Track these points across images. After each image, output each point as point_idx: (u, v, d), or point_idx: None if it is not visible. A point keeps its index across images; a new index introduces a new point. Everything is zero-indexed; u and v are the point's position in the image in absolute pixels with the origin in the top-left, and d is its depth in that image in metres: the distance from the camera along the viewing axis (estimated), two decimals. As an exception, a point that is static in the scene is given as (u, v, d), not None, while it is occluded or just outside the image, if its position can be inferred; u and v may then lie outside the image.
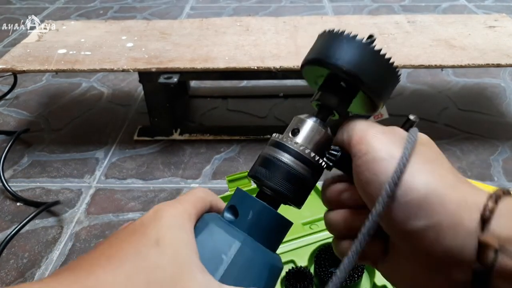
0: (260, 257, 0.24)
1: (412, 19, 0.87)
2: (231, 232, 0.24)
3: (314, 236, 0.55)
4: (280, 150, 0.27)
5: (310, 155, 0.26)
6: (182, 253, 0.21)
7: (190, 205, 0.24)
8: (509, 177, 0.69)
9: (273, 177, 0.26)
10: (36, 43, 0.80)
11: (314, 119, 0.28)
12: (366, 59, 0.26)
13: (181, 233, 0.22)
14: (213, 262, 0.22)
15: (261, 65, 0.70)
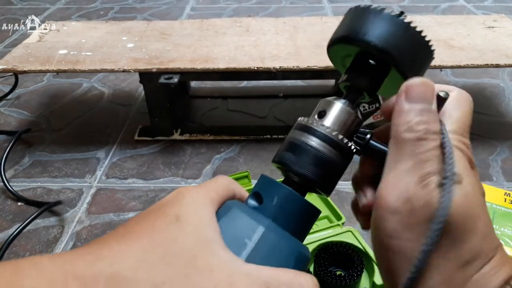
0: (286, 244, 0.23)
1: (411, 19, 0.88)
2: (255, 217, 0.23)
3: (314, 235, 0.55)
4: (307, 133, 0.25)
5: (339, 138, 0.24)
6: (203, 230, 0.20)
7: (213, 190, 0.24)
8: (507, 177, 0.69)
9: (300, 162, 0.24)
10: (37, 44, 0.80)
11: (343, 101, 0.26)
12: (397, 34, 0.24)
13: (203, 212, 0.21)
14: (236, 245, 0.21)
15: (261, 65, 0.70)
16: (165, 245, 0.19)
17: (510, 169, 0.71)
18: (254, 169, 0.72)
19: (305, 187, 0.25)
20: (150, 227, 0.20)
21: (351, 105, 0.26)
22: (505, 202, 0.55)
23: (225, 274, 0.19)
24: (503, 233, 0.50)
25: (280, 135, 0.80)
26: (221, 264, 0.19)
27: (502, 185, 0.68)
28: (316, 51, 0.74)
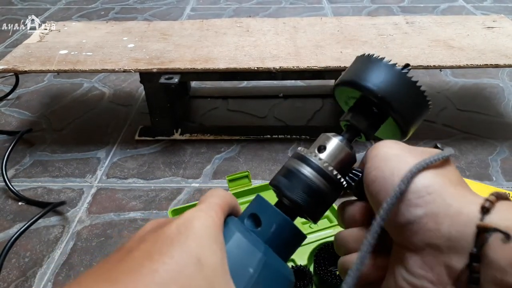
0: (281, 271, 0.24)
1: (410, 20, 0.88)
2: (254, 242, 0.24)
3: (314, 235, 0.55)
4: (304, 163, 0.27)
5: (332, 172, 0.27)
6: (218, 274, 0.21)
7: (220, 211, 0.24)
8: (507, 177, 0.70)
9: (293, 189, 0.26)
10: (37, 44, 0.81)
11: (341, 138, 0.28)
12: (399, 87, 0.26)
13: (218, 252, 0.21)
14: (241, 275, 0.22)
15: (261, 65, 0.70)
16: (186, 285, 0.19)
17: (509, 169, 0.71)
18: (254, 169, 0.73)
19: (295, 212, 0.27)
20: (174, 262, 0.20)
21: (348, 144, 0.28)
22: (504, 202, 0.55)
23: None
24: (502, 233, 0.50)
25: (280, 135, 0.80)
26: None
27: (502, 185, 0.68)
28: (316, 52, 0.74)
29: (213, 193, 0.26)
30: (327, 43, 0.78)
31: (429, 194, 0.22)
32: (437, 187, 0.23)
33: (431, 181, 0.23)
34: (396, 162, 0.24)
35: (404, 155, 0.24)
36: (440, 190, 0.22)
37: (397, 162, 0.24)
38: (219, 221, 0.23)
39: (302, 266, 0.49)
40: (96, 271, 0.20)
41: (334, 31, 0.83)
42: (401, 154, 0.25)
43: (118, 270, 0.19)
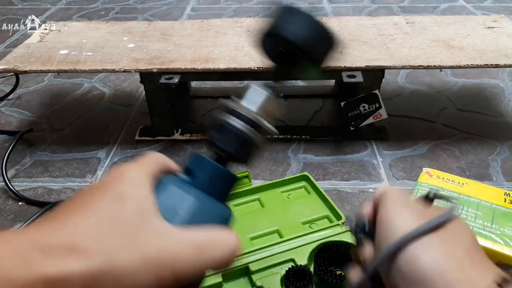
0: (212, 208, 0.27)
1: (411, 20, 0.88)
2: (186, 189, 0.27)
3: (314, 235, 0.55)
4: (234, 116, 0.29)
5: (258, 120, 0.29)
6: (143, 206, 0.23)
7: (148, 167, 0.26)
8: (507, 177, 0.70)
9: (224, 140, 0.29)
10: (38, 44, 0.81)
11: (266, 88, 0.31)
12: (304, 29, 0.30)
13: (142, 190, 0.24)
14: (172, 215, 0.25)
15: (261, 65, 0.70)
16: (112, 220, 0.22)
17: (510, 169, 0.71)
18: (254, 169, 0.73)
19: (227, 159, 0.30)
20: (98, 204, 0.23)
21: (272, 90, 0.31)
22: (505, 202, 0.55)
23: (162, 240, 0.22)
24: (503, 233, 0.50)
25: (280, 135, 0.80)
26: (159, 232, 0.23)
27: (502, 185, 0.68)
28: (316, 52, 0.74)
29: (145, 156, 0.29)
30: (327, 43, 0.78)
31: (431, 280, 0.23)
32: (436, 273, 0.23)
33: (434, 263, 0.23)
34: (397, 221, 0.27)
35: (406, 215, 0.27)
36: (441, 275, 0.23)
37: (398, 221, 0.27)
38: (151, 174, 0.26)
39: (302, 266, 0.49)
40: (40, 222, 0.23)
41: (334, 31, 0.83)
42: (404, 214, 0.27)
43: (56, 218, 0.22)
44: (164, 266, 0.22)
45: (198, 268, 0.23)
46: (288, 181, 0.66)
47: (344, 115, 0.75)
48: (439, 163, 0.73)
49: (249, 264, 0.51)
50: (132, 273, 0.21)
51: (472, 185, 0.59)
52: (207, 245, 0.23)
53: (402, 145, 0.77)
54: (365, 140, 0.79)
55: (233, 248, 0.24)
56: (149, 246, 0.22)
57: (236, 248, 0.25)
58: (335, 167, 0.73)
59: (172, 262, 0.22)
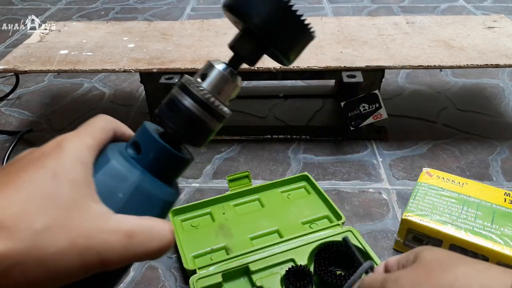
0: (155, 194, 0.25)
1: (411, 20, 0.88)
2: (130, 169, 0.25)
3: (314, 235, 0.55)
4: (185, 93, 0.27)
5: (212, 102, 0.27)
6: (78, 186, 0.22)
7: (91, 137, 0.25)
8: (507, 177, 0.70)
9: (174, 119, 0.27)
10: (38, 44, 0.81)
11: (224, 67, 0.29)
12: (280, 17, 0.27)
13: (79, 168, 0.23)
14: (110, 199, 0.23)
15: (261, 65, 0.70)
16: (44, 199, 0.21)
17: (510, 169, 0.71)
18: (254, 169, 0.73)
19: (178, 140, 0.28)
20: (29, 180, 0.21)
21: (231, 72, 0.29)
22: (505, 202, 0.55)
23: (93, 225, 0.21)
24: (503, 233, 0.51)
25: (280, 135, 0.80)
26: (92, 216, 0.22)
27: (502, 185, 0.68)
28: (316, 51, 0.74)
29: (95, 119, 0.27)
30: (327, 43, 0.78)
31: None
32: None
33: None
34: None
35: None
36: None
37: None
38: (93, 145, 0.24)
39: (302, 266, 0.49)
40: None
41: (334, 31, 0.83)
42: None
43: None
44: (92, 252, 0.21)
45: (127, 257, 0.22)
46: (288, 181, 0.66)
47: (344, 115, 0.75)
48: (439, 163, 0.73)
49: (249, 264, 0.51)
50: (59, 257, 0.20)
51: (472, 185, 0.59)
52: (139, 235, 0.23)
53: (402, 145, 0.77)
54: (365, 140, 0.79)
55: (165, 242, 0.23)
56: (79, 230, 0.21)
57: (168, 242, 0.24)
58: (335, 167, 0.73)
59: (101, 249, 0.21)
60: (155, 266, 0.56)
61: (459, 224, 0.52)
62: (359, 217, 0.62)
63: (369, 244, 0.54)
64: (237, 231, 0.58)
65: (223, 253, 0.55)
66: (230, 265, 0.51)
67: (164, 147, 0.26)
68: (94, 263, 0.21)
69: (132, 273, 0.55)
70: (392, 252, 0.57)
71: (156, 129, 0.28)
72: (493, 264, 0.26)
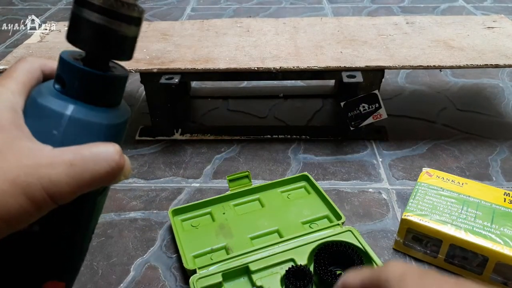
0: (92, 122, 0.24)
1: (410, 20, 0.88)
2: (60, 104, 0.24)
3: (314, 235, 0.55)
4: (82, 7, 0.23)
5: (111, 4, 0.23)
6: (8, 130, 0.22)
7: (15, 82, 0.24)
8: (507, 177, 0.70)
9: (83, 38, 0.24)
10: (38, 44, 0.81)
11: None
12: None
13: (7, 114, 0.22)
14: (47, 137, 0.23)
15: (261, 65, 0.71)
16: None
17: (509, 169, 0.71)
18: (255, 169, 0.73)
19: (99, 59, 0.25)
20: None
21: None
22: (504, 202, 0.56)
23: (30, 161, 0.21)
24: (503, 233, 0.51)
25: (280, 135, 0.80)
26: (28, 154, 0.21)
27: (502, 185, 0.68)
28: (316, 52, 0.75)
29: (18, 62, 0.26)
30: (327, 43, 0.78)
31: None
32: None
33: None
34: None
35: None
36: None
37: None
38: (18, 89, 0.24)
39: (302, 266, 0.49)
40: None
41: (334, 31, 0.83)
42: None
43: None
44: (37, 188, 0.21)
45: (76, 186, 0.22)
46: (288, 181, 0.66)
47: (344, 115, 0.75)
48: (439, 163, 0.73)
49: (249, 264, 0.51)
50: (2, 198, 0.20)
51: (472, 185, 0.59)
52: (81, 161, 0.22)
53: (402, 145, 0.77)
54: (365, 140, 0.79)
55: (111, 163, 0.23)
56: (17, 170, 0.21)
57: (114, 162, 0.23)
58: (335, 167, 0.73)
59: (45, 183, 0.21)
60: (155, 266, 0.56)
61: (459, 224, 0.52)
62: (359, 217, 0.62)
63: (369, 244, 0.54)
64: (237, 231, 0.58)
65: (223, 253, 0.55)
66: (230, 265, 0.51)
67: (85, 71, 0.24)
68: (43, 199, 0.21)
69: (132, 273, 0.55)
70: (392, 252, 0.57)
71: (77, 55, 0.25)
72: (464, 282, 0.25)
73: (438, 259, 0.54)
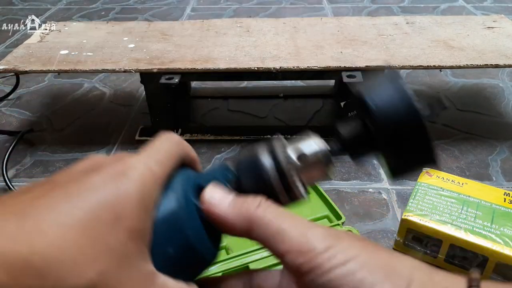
0: (205, 255, 0.23)
1: (411, 20, 0.88)
2: (190, 222, 0.22)
3: (314, 234, 0.55)
4: (272, 159, 0.24)
5: (291, 176, 0.24)
6: (135, 240, 0.19)
7: (161, 168, 0.21)
8: (507, 177, 0.70)
9: (249, 181, 0.24)
10: (38, 44, 0.81)
11: (323, 149, 0.25)
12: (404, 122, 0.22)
13: (143, 217, 0.19)
14: (161, 249, 0.21)
15: (261, 65, 0.71)
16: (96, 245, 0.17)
17: (509, 169, 0.71)
18: (255, 169, 0.73)
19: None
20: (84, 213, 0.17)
21: (327, 157, 0.25)
22: (504, 202, 0.55)
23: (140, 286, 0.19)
24: (503, 233, 0.51)
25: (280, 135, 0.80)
26: (139, 277, 0.19)
27: (502, 185, 0.68)
28: (316, 52, 0.75)
29: (165, 141, 0.23)
30: (327, 43, 0.78)
31: None
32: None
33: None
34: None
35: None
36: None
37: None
38: (162, 178, 0.21)
39: None
40: (7, 200, 0.18)
41: (334, 31, 0.83)
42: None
43: (34, 205, 0.17)
44: None
45: None
46: (288, 181, 0.66)
47: (344, 115, 0.75)
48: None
49: (249, 264, 0.51)
50: None
51: (471, 185, 0.59)
52: None
53: (402, 145, 0.77)
54: (365, 140, 0.79)
55: None
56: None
57: None
58: (335, 167, 0.73)
59: None
60: (155, 266, 0.56)
61: (459, 224, 0.52)
62: (359, 217, 0.62)
63: (369, 244, 0.54)
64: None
65: (223, 252, 0.55)
66: (230, 265, 0.51)
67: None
68: None
69: (133, 273, 0.55)
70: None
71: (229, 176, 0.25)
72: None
73: (438, 259, 0.54)
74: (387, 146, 0.22)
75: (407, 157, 0.23)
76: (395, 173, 0.24)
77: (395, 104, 0.22)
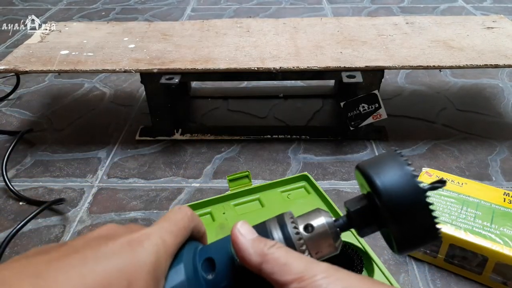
0: None
1: (410, 20, 0.88)
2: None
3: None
4: (282, 234, 0.25)
5: (300, 248, 0.25)
6: None
7: (173, 241, 0.23)
8: (507, 177, 0.70)
9: None
10: (38, 44, 0.81)
11: (331, 224, 0.26)
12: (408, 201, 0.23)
13: (151, 284, 0.20)
14: None
15: (261, 66, 0.71)
16: None
17: (509, 169, 0.71)
18: (255, 168, 0.73)
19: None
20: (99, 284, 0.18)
21: (336, 233, 0.26)
22: (504, 202, 0.56)
23: None
24: (502, 233, 0.51)
25: (280, 135, 0.80)
26: None
27: (501, 185, 0.68)
28: (316, 52, 0.75)
29: (179, 214, 0.25)
30: (327, 43, 0.78)
31: None
32: None
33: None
34: None
35: None
36: None
37: None
38: (173, 251, 0.23)
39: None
40: (23, 260, 0.19)
41: (334, 31, 0.83)
42: None
43: (50, 267, 0.18)
44: None
45: None
46: (288, 181, 0.66)
47: (344, 115, 0.76)
48: (438, 163, 0.73)
49: None
50: None
51: (471, 185, 0.59)
52: None
53: (402, 145, 0.77)
54: (364, 140, 0.79)
55: None
56: None
57: None
58: (334, 167, 0.73)
59: None
60: (156, 265, 0.56)
61: (459, 224, 0.52)
62: (358, 217, 0.62)
63: (369, 243, 0.54)
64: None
65: None
66: None
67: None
68: None
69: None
70: (391, 251, 0.57)
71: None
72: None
73: (438, 259, 0.54)
74: (393, 224, 0.24)
75: (412, 234, 0.24)
76: (400, 249, 0.25)
77: (401, 185, 0.23)
